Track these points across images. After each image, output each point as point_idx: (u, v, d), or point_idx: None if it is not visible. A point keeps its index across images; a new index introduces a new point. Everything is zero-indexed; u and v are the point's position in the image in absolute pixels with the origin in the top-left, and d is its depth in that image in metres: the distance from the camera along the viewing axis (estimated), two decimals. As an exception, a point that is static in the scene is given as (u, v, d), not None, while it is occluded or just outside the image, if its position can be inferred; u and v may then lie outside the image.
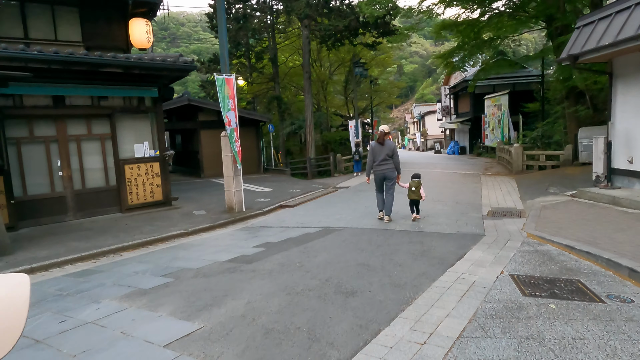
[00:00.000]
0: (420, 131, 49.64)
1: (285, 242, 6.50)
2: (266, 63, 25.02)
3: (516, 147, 15.44)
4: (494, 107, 23.02)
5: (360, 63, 19.79)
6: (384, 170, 7.57)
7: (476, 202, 9.43)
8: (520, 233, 6.44)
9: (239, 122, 10.27)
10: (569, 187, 10.41)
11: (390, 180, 7.57)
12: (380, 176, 7.63)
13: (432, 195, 10.78)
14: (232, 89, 9.10)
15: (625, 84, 8.30)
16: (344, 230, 7.07)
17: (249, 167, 18.32)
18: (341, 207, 9.79)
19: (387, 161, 7.57)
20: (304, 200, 11.09)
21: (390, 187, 7.62)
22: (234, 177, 9.30)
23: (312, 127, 21.16)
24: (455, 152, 30.64)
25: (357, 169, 18.30)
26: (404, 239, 6.21)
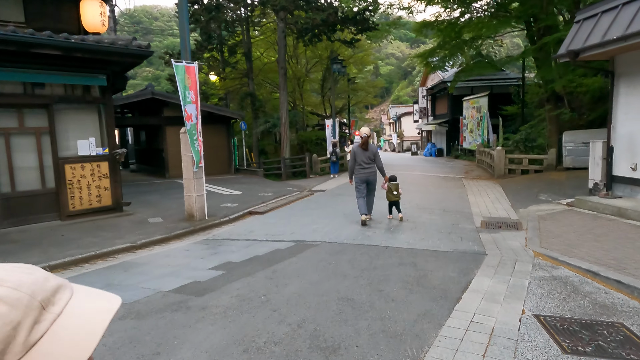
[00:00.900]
0: (396, 132, 49.12)
1: (250, 262, 5.31)
2: (240, 58, 23.63)
3: (498, 151, 14.73)
4: (472, 109, 22.43)
5: (339, 60, 18.73)
6: (367, 174, 7.42)
7: (465, 211, 8.49)
8: (526, 251, 5.47)
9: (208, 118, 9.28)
10: (561, 194, 9.64)
11: (372, 184, 7.50)
12: (363, 180, 7.44)
13: (416, 201, 9.80)
14: (194, 78, 7.82)
15: (629, 84, 7.52)
16: (320, 246, 5.94)
17: (218, 168, 16.96)
18: (317, 214, 8.66)
19: (369, 164, 7.43)
20: (276, 205, 9.90)
21: (372, 191, 7.60)
22: (195, 180, 8.02)
23: (287, 126, 19.95)
24: (432, 154, 30.06)
25: (333, 170, 17.23)
26: (392, 260, 5.13)
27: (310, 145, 25.20)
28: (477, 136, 21.48)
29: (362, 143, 7.47)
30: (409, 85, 68.92)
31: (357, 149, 7.46)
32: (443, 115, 29.46)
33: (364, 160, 7.36)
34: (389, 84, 72.72)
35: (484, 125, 20.21)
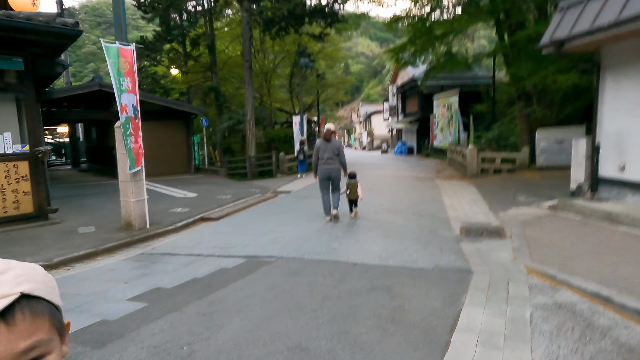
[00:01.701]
0: (366, 131, 48.56)
1: (184, 288, 4.19)
2: (203, 51, 22.13)
3: (471, 149, 14.10)
4: (443, 107, 21.91)
5: (306, 53, 17.68)
6: (329, 170, 7.17)
7: (442, 215, 7.64)
8: (516, 266, 4.62)
9: (166, 114, 8.11)
10: (539, 196, 8.98)
11: (336, 180, 7.25)
12: (325, 175, 7.19)
13: (388, 204, 8.90)
14: (131, 63, 6.59)
15: (616, 77, 6.85)
16: (276, 264, 4.88)
17: (176, 167, 15.58)
18: (278, 220, 7.60)
19: (333, 160, 7.19)
20: (233, 210, 8.76)
21: (337, 187, 7.34)
22: (133, 183, 6.79)
23: (253, 123, 18.71)
24: (403, 152, 29.51)
25: (301, 169, 16.19)
26: (362, 282, 4.14)
27: (279, 144, 24.03)
28: (448, 135, 20.97)
29: (325, 134, 7.29)
30: (379, 84, 68.73)
31: (320, 143, 7.31)
32: (413, 114, 28.96)
33: (327, 155, 7.15)
34: (359, 83, 72.35)
35: (455, 123, 19.68)
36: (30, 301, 0.54)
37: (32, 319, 0.53)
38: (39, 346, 0.53)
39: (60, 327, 0.59)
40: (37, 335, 0.53)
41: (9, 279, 0.53)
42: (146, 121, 15.17)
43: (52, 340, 0.55)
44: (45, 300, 0.56)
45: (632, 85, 6.53)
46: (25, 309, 0.52)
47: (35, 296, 0.54)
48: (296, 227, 6.86)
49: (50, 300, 0.57)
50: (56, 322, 0.57)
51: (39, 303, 0.55)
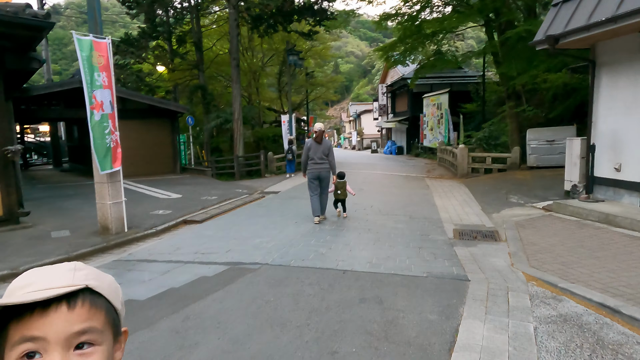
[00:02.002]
0: (356, 130, 48.35)
1: (159, 299, 3.84)
2: (190, 48, 21.64)
3: (461, 149, 13.91)
4: (433, 106, 21.74)
5: (295, 51, 17.32)
6: (319, 170, 7.03)
7: (434, 217, 7.38)
8: (514, 273, 4.35)
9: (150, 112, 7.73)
10: (531, 196, 8.78)
11: (325, 180, 7.09)
12: (314, 175, 7.04)
13: (378, 205, 8.61)
14: (107, 57, 6.17)
15: (612, 75, 6.65)
16: (259, 271, 4.55)
17: (161, 167, 15.11)
18: (265, 223, 7.25)
19: (323, 160, 7.05)
20: (218, 212, 8.39)
21: (325, 188, 7.18)
22: (110, 185, 6.38)
23: (241, 122, 18.30)
24: (393, 152, 29.33)
25: (290, 169, 15.85)
26: (352, 292, 3.83)
27: (267, 143, 23.65)
28: (438, 134, 20.81)
29: (317, 136, 7.11)
30: (368, 84, 68.64)
31: (311, 143, 7.14)
32: (403, 113, 28.79)
33: (317, 155, 7.01)
34: (349, 82, 72.19)
35: (446, 123, 19.52)
36: (92, 295, 0.61)
37: (90, 308, 0.60)
38: (90, 332, 0.59)
39: (116, 329, 0.65)
40: (90, 322, 0.59)
41: (81, 275, 0.61)
42: (130, 120, 14.77)
43: (103, 333, 0.62)
44: (106, 299, 0.63)
45: (629, 83, 6.33)
46: (86, 299, 0.60)
47: (97, 293, 0.61)
48: (283, 231, 6.53)
49: (110, 301, 0.64)
50: (111, 320, 0.64)
51: (99, 298, 0.62)
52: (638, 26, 5.71)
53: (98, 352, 0.60)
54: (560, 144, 12.40)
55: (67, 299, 0.58)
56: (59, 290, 0.57)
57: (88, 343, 0.59)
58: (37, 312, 0.57)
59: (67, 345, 0.58)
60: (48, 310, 0.57)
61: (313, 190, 7.09)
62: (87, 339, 0.59)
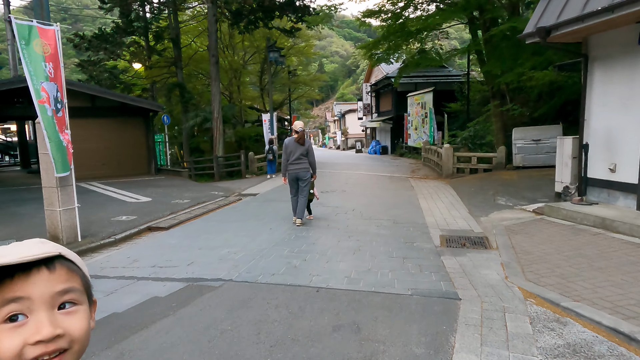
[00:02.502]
0: (340, 130, 47.87)
1: (95, 329, 3.19)
2: (168, 45, 20.79)
3: (446, 148, 13.48)
4: (417, 105, 21.35)
5: (276, 48, 16.67)
6: (297, 170, 6.67)
7: (419, 221, 6.85)
8: (510, 288, 3.83)
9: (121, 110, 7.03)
10: (519, 198, 8.35)
11: (304, 181, 6.68)
12: (293, 176, 6.70)
13: (360, 208, 8.06)
14: (54, 46, 5.46)
15: (606, 69, 6.23)
16: (221, 291, 3.93)
17: (134, 168, 14.29)
18: (237, 229, 6.62)
19: (302, 160, 6.70)
20: (188, 217, 7.72)
21: (304, 189, 6.70)
22: (60, 189, 5.67)
23: (221, 121, 17.58)
24: (377, 151, 28.90)
25: (270, 170, 15.23)
26: (324, 318, 3.25)
27: (249, 142, 22.95)
28: (423, 133, 20.42)
29: (299, 137, 6.74)
30: (353, 83, 68.32)
31: (290, 143, 6.76)
32: (387, 112, 28.39)
33: (295, 155, 6.66)
34: (334, 82, 71.79)
35: (430, 122, 19.12)
36: (67, 261, 0.64)
37: (68, 271, 0.62)
38: (72, 291, 0.62)
39: (89, 295, 0.67)
40: (71, 283, 0.62)
41: (51, 246, 0.63)
42: (101, 118, 13.91)
43: (82, 294, 0.64)
44: (77, 266, 0.65)
45: (624, 78, 5.90)
46: (63, 263, 0.62)
47: (70, 260, 0.64)
48: (255, 239, 5.91)
49: (82, 268, 0.66)
50: (86, 285, 0.66)
51: (73, 264, 0.64)
52: (636, 16, 5.27)
53: (81, 311, 0.63)
54: (546, 143, 12.08)
55: (46, 263, 0.60)
56: (38, 255, 0.58)
57: (70, 302, 0.61)
58: (18, 276, 0.58)
59: (51, 304, 0.59)
60: (30, 274, 0.58)
61: (293, 192, 6.82)
62: (69, 298, 0.61)
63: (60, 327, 0.58)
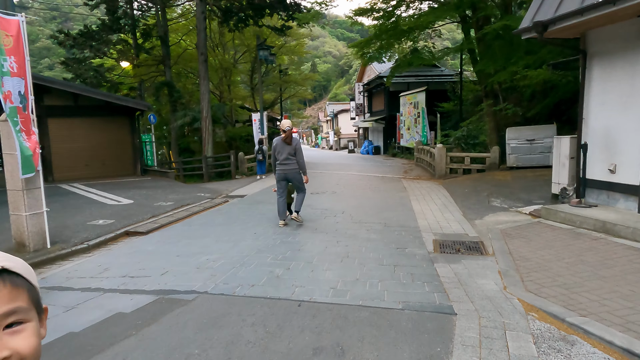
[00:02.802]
0: (333, 130, 47.54)
1: (45, 351, 2.79)
2: (156, 43, 20.31)
3: (439, 148, 13.19)
4: (410, 105, 21.08)
5: (266, 46, 16.27)
6: (285, 171, 6.47)
7: (411, 224, 6.52)
8: (509, 301, 3.50)
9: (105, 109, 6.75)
10: (514, 199, 8.06)
11: (294, 180, 6.57)
12: (281, 177, 6.51)
13: (351, 210, 7.72)
14: (18, 38, 5.04)
15: (605, 65, 5.94)
16: (193, 305, 3.55)
17: (119, 169, 13.83)
18: (219, 234, 6.24)
19: (290, 160, 6.47)
20: (169, 220, 7.32)
21: (299, 188, 6.66)
22: (25, 193, 5.24)
23: (210, 120, 17.16)
24: (370, 152, 28.61)
25: (260, 170, 14.84)
26: (305, 337, 2.89)
27: (240, 143, 22.55)
28: (415, 133, 20.15)
29: (286, 137, 6.50)
30: (346, 84, 68.07)
31: (278, 143, 6.55)
32: (380, 112, 28.11)
33: (283, 155, 6.44)
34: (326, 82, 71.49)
35: (423, 121, 18.85)
36: (10, 275, 0.60)
37: (12, 288, 0.59)
38: (18, 312, 0.60)
39: (38, 306, 0.66)
40: (16, 302, 0.60)
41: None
42: (84, 118, 13.39)
43: (30, 311, 0.62)
44: (24, 278, 0.63)
45: (624, 75, 5.62)
46: (6, 280, 0.59)
47: (15, 273, 0.61)
48: (238, 244, 5.54)
49: (28, 279, 0.64)
50: (33, 298, 0.64)
51: (18, 278, 0.62)
52: (638, 9, 4.98)
53: (28, 328, 0.61)
54: (540, 143, 11.84)
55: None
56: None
57: (17, 322, 0.60)
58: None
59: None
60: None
61: (280, 193, 6.64)
62: (15, 319, 0.59)
63: (7, 348, 0.58)
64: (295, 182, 6.57)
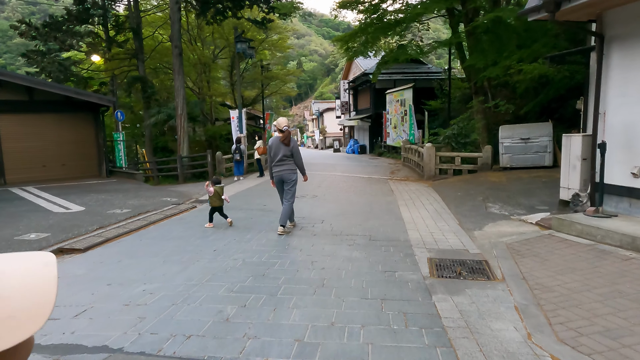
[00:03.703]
0: (319, 129, 46.47)
1: None
2: (130, 36, 18.93)
3: (428, 148, 12.22)
4: (396, 102, 20.13)
5: (244, 38, 15.10)
6: (281, 172, 5.96)
7: (400, 237, 5.51)
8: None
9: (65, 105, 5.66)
10: (515, 205, 7.13)
11: (289, 183, 5.97)
12: (278, 179, 6.03)
13: (331, 219, 6.68)
14: None
15: (627, 52, 5.00)
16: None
17: (83, 170, 12.53)
18: (171, 250, 5.12)
19: (286, 161, 5.97)
20: (119, 232, 6.15)
21: (289, 192, 5.98)
22: None
23: (185, 117, 15.92)
24: (355, 151, 27.63)
25: (238, 172, 13.70)
26: None
27: (220, 142, 21.34)
28: (402, 132, 19.21)
29: (284, 137, 5.90)
30: (332, 82, 67.10)
31: (274, 143, 5.99)
32: (365, 110, 27.13)
33: (279, 156, 5.91)
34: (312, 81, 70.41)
35: (410, 119, 17.91)
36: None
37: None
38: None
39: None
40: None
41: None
42: (40, 113, 11.91)
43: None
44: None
45: (651, 62, 4.68)
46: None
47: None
48: (188, 267, 4.43)
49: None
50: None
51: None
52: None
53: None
54: (535, 142, 10.97)
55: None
56: None
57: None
58: None
59: None
60: None
61: (281, 195, 6.14)
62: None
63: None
64: (288, 184, 5.96)
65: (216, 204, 6.41)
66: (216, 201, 6.38)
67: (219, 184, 6.46)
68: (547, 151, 10.82)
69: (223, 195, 6.43)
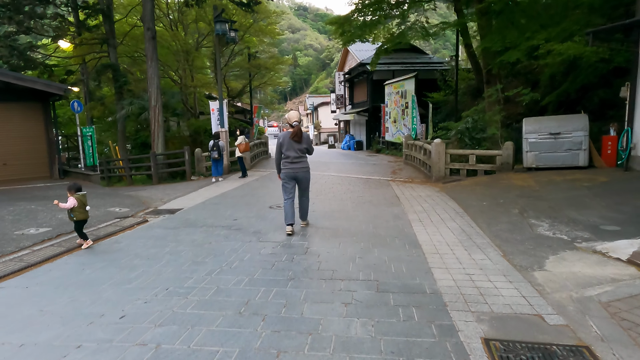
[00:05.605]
0: (313, 124, 44.33)
1: None
2: (101, 20, 16.68)
3: (437, 144, 10.19)
4: (396, 94, 18.06)
5: (225, 19, 12.96)
6: (296, 170, 5.36)
7: (425, 283, 3.48)
8: None
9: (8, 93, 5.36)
10: (568, 223, 5.14)
11: (304, 182, 5.52)
12: (291, 176, 5.39)
13: (320, 247, 4.63)
14: None
15: None
16: None
17: (29, 170, 10.40)
18: (61, 311, 3.06)
19: (301, 158, 5.40)
20: (4, 272, 4.08)
21: (306, 190, 5.61)
22: None
23: (160, 110, 13.78)
24: (351, 147, 25.57)
25: (216, 172, 11.64)
26: None
27: (205, 137, 19.17)
28: (403, 126, 17.16)
29: (295, 133, 5.28)
30: (327, 77, 64.91)
31: (285, 139, 5.32)
32: (362, 104, 25.02)
33: (293, 153, 5.29)
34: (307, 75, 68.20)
35: (412, 113, 15.84)
36: None
37: None
38: None
39: None
40: None
41: None
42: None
43: None
44: None
45: None
46: None
47: None
48: (68, 349, 2.38)
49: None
50: None
51: None
52: None
53: None
54: (568, 137, 8.94)
55: None
56: None
57: None
58: None
59: None
60: None
61: (288, 193, 5.47)
62: None
63: None
64: (304, 183, 5.56)
65: (82, 216, 5.00)
66: (82, 213, 4.98)
67: (81, 191, 5.07)
68: (582, 148, 8.81)
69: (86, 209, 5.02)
